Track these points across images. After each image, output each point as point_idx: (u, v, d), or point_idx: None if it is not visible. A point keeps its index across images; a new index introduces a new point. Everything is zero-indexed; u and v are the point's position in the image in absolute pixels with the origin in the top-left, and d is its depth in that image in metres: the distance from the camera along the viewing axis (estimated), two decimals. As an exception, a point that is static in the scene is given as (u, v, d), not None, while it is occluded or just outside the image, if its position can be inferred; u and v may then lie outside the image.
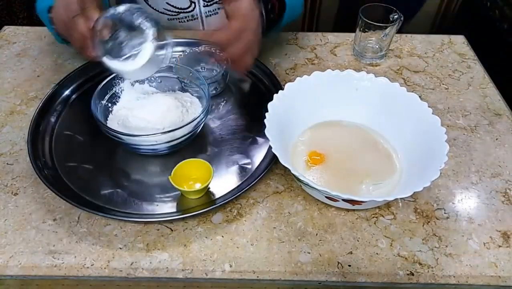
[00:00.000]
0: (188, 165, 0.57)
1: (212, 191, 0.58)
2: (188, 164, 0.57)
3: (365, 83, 0.64)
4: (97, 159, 0.63)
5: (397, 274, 0.50)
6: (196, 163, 0.57)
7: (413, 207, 0.57)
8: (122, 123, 0.62)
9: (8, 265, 0.51)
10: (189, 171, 0.57)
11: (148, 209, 0.56)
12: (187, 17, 0.89)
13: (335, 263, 0.51)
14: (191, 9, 0.87)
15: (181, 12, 0.88)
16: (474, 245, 0.53)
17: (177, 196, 0.57)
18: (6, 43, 0.86)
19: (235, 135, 0.66)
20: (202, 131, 0.66)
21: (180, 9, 0.87)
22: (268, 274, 0.50)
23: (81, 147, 0.65)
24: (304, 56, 0.84)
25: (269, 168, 0.59)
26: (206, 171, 0.56)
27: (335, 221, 0.56)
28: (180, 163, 0.56)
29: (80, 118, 0.69)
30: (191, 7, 0.87)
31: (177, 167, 0.56)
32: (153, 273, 0.50)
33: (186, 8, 0.87)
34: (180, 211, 0.56)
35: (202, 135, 0.66)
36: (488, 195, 0.59)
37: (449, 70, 0.81)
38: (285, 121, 0.59)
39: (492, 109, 0.73)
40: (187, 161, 0.57)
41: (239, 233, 0.54)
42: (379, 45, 0.81)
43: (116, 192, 0.58)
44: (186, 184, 0.57)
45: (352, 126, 0.65)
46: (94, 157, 0.63)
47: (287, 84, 0.61)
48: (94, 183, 0.59)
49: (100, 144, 0.64)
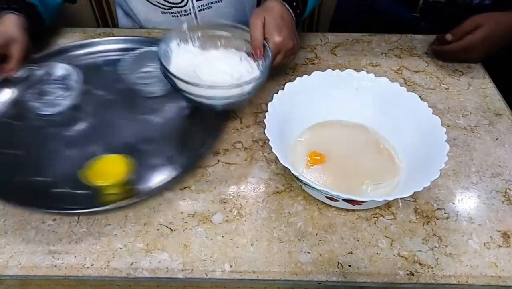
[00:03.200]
0: (107, 160, 0.57)
1: (139, 185, 0.58)
2: (108, 159, 0.57)
3: (365, 83, 0.64)
4: (13, 149, 0.63)
5: (397, 274, 0.50)
6: (115, 158, 0.57)
7: (413, 207, 0.57)
8: (191, 77, 0.62)
9: (8, 265, 0.51)
10: (108, 167, 0.57)
11: (65, 201, 0.56)
12: (180, 12, 0.89)
13: (335, 263, 0.51)
14: (184, 4, 0.87)
15: (174, 6, 0.88)
16: (474, 245, 0.53)
17: (96, 190, 0.57)
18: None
19: (171, 135, 0.67)
20: (146, 127, 0.68)
21: (173, 4, 0.87)
22: (268, 274, 0.50)
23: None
24: (304, 56, 0.84)
25: (192, 167, 0.60)
26: (126, 166, 0.56)
27: (335, 221, 0.56)
28: (97, 159, 0.57)
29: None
30: (183, 2, 0.87)
31: (94, 163, 0.56)
32: (153, 273, 0.50)
33: (178, 3, 0.87)
34: (99, 204, 0.55)
35: (144, 131, 0.67)
36: (488, 195, 0.59)
37: (449, 70, 0.81)
38: (285, 121, 0.59)
39: (492, 109, 0.73)
40: (106, 156, 0.58)
41: (239, 233, 0.54)
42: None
43: (33, 181, 0.58)
44: (106, 179, 0.56)
45: (352, 126, 0.65)
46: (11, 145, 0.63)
47: (287, 84, 0.61)
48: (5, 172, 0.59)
49: (15, 134, 0.65)
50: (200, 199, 0.58)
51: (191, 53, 0.69)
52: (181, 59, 0.67)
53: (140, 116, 0.69)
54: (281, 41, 0.66)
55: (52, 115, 0.68)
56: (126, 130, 0.67)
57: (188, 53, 0.69)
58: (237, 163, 0.63)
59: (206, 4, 0.88)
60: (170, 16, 0.90)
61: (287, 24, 0.69)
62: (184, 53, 0.68)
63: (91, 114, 0.69)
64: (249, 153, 0.64)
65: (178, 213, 0.56)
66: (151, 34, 0.88)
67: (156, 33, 0.88)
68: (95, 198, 0.56)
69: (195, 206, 0.57)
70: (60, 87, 0.71)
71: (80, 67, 0.74)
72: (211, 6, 0.89)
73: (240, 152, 0.65)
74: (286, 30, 0.68)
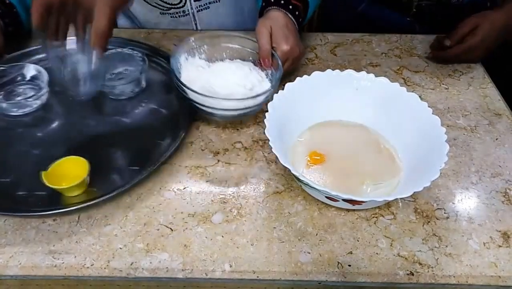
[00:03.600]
0: (66, 162, 0.57)
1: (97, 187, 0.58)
2: (67, 161, 0.57)
3: (365, 83, 0.64)
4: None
5: (397, 274, 0.50)
6: (76, 160, 0.57)
7: (413, 207, 0.57)
8: (205, 89, 0.64)
9: (8, 265, 0.50)
10: (67, 169, 0.56)
11: (26, 203, 0.56)
12: (178, 12, 0.89)
13: (335, 263, 0.51)
14: (182, 5, 0.87)
15: (172, 7, 0.88)
16: (474, 245, 0.53)
17: (57, 192, 0.57)
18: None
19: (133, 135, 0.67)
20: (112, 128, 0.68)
21: (171, 5, 0.87)
22: (268, 274, 0.50)
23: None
24: (304, 56, 0.84)
25: (157, 167, 0.59)
26: (86, 168, 0.56)
27: (335, 221, 0.56)
28: (58, 161, 0.56)
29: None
30: (181, 3, 0.87)
31: (55, 165, 0.56)
32: (153, 273, 0.50)
33: (176, 4, 0.87)
34: (61, 206, 0.55)
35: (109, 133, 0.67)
36: (488, 195, 0.59)
37: (449, 70, 0.81)
38: (285, 121, 0.59)
39: (492, 109, 0.73)
40: (66, 158, 0.57)
41: (239, 233, 0.54)
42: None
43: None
44: (65, 182, 0.56)
45: (352, 126, 0.65)
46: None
47: (287, 84, 0.61)
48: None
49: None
50: (200, 199, 0.58)
51: (200, 66, 0.71)
52: (190, 73, 0.70)
53: (108, 118, 0.69)
54: (288, 49, 0.69)
55: (21, 116, 0.68)
56: (93, 132, 0.67)
57: (196, 66, 0.71)
58: (237, 163, 0.63)
59: (204, 4, 0.88)
60: (168, 17, 0.90)
61: (292, 32, 0.71)
62: (193, 66, 0.71)
63: (59, 116, 0.69)
64: (249, 153, 0.64)
65: (178, 213, 0.56)
66: (151, 34, 0.88)
67: (155, 33, 0.88)
68: (56, 200, 0.56)
69: (195, 206, 0.57)
70: (31, 88, 0.71)
71: (49, 68, 0.74)
72: (209, 7, 0.89)
73: (240, 152, 0.65)
74: (292, 39, 0.70)
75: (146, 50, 0.77)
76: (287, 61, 0.70)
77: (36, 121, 0.68)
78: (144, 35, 0.87)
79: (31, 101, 0.68)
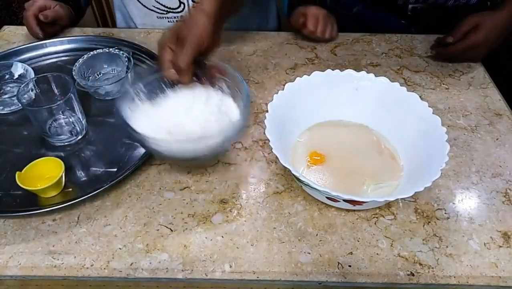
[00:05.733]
0: (42, 163, 0.57)
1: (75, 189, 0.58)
2: (42, 162, 0.57)
3: (365, 83, 0.63)
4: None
5: (397, 275, 0.50)
6: (49, 161, 0.57)
7: (414, 207, 0.57)
8: (172, 131, 0.54)
9: (7, 265, 0.50)
10: (43, 170, 0.56)
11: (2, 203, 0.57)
12: (176, 17, 0.89)
13: (335, 263, 0.51)
14: (180, 10, 0.87)
15: (170, 11, 0.88)
16: (474, 245, 0.53)
17: (32, 193, 0.57)
18: (6, 42, 0.86)
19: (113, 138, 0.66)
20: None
21: (169, 9, 0.87)
22: (268, 275, 0.50)
23: None
24: (304, 56, 0.84)
25: (132, 171, 0.59)
26: (61, 169, 0.56)
27: (336, 221, 0.56)
28: (32, 162, 0.56)
29: None
30: (180, 7, 0.87)
31: (30, 166, 0.56)
32: (153, 273, 0.50)
33: (175, 8, 0.87)
34: (39, 206, 0.55)
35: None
36: (488, 195, 0.59)
37: (449, 70, 0.81)
38: (285, 121, 0.59)
39: (492, 109, 0.73)
40: (41, 159, 0.57)
41: (239, 233, 0.54)
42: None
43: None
44: (40, 183, 0.55)
45: (352, 127, 0.65)
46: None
47: (287, 84, 0.61)
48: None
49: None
50: (200, 199, 0.58)
51: (145, 111, 0.58)
52: (140, 121, 0.55)
53: (92, 118, 0.69)
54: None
55: (6, 114, 0.69)
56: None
57: (142, 112, 0.57)
58: (237, 163, 0.63)
59: None
60: (165, 21, 0.90)
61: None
62: (139, 114, 0.57)
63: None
64: (249, 153, 0.64)
65: (178, 213, 0.56)
66: (151, 33, 0.88)
67: (155, 34, 0.88)
68: (31, 201, 0.56)
69: (195, 206, 0.57)
70: (18, 86, 0.69)
71: (35, 68, 0.74)
72: None
73: (240, 152, 0.65)
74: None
75: (132, 50, 0.77)
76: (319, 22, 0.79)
77: (20, 120, 0.68)
78: (143, 35, 0.87)
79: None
